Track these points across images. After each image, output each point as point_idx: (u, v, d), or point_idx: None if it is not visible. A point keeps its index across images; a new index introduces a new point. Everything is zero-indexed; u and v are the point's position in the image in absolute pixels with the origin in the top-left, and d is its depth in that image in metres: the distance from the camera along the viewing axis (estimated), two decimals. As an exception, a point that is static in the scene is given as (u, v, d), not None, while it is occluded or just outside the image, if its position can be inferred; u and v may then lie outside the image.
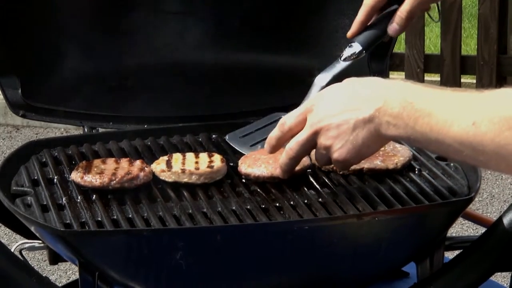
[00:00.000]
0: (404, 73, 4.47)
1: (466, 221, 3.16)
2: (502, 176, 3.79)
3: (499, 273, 1.35)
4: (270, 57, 1.74)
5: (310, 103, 1.27)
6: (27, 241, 1.38)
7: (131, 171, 1.40)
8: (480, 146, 1.10)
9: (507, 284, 1.52)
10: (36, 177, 1.44)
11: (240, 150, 1.44)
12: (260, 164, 1.40)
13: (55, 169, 1.46)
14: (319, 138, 1.25)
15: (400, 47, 4.64)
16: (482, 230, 1.42)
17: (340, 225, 1.28)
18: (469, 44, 5.04)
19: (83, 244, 1.24)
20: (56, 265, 2.02)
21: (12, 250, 1.33)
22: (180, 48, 1.70)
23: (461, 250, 1.37)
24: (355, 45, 1.44)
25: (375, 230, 1.28)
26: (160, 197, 1.37)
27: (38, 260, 3.16)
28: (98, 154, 1.53)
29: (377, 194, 1.37)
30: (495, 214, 3.48)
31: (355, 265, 1.29)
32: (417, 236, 1.32)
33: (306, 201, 1.35)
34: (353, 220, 1.28)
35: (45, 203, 1.36)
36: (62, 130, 4.35)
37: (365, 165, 1.42)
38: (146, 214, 1.32)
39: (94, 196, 1.37)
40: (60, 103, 1.67)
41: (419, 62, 4.44)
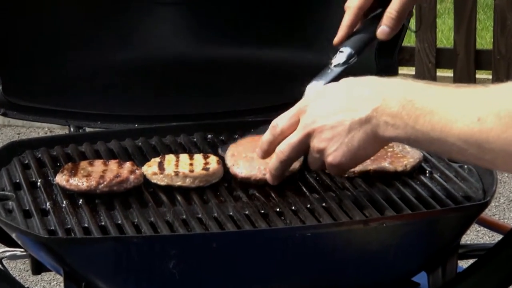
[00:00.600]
0: (414, 68, 4.47)
1: (482, 228, 3.16)
2: (521, 179, 3.80)
3: (517, 284, 1.36)
4: (268, 53, 1.75)
5: (303, 104, 1.27)
6: (8, 249, 1.38)
7: (120, 173, 1.40)
8: (486, 144, 1.10)
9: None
10: (18, 180, 1.44)
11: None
12: (255, 165, 1.40)
13: (38, 172, 1.46)
14: (312, 140, 1.25)
15: (410, 40, 4.64)
16: (498, 237, 1.42)
17: (345, 231, 1.28)
18: (484, 37, 5.05)
19: (68, 253, 1.25)
20: (40, 275, 2.02)
21: (-8, 259, 1.33)
22: (173, 44, 1.71)
23: (476, 259, 1.37)
24: (345, 50, 1.43)
25: (383, 236, 1.29)
26: (152, 202, 1.37)
27: (20, 270, 3.17)
28: (85, 155, 1.53)
29: (384, 198, 1.37)
30: (512, 220, 3.48)
31: (361, 275, 1.29)
32: (428, 244, 1.32)
33: (309, 205, 1.36)
34: (359, 226, 1.28)
35: (27, 208, 1.36)
36: (46, 129, 4.35)
37: (372, 167, 1.43)
38: (136, 220, 1.33)
39: (81, 200, 1.37)
40: (44, 100, 1.68)
41: (430, 56, 4.44)
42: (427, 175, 1.45)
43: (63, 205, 1.36)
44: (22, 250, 1.36)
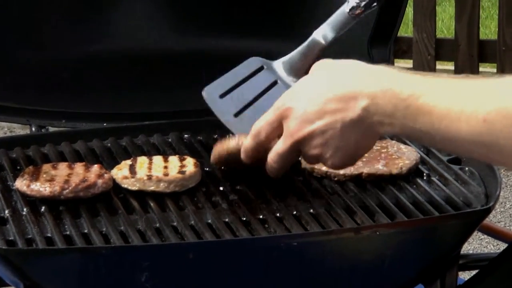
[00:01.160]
0: (412, 60, 4.49)
1: (486, 236, 3.18)
2: (529, 182, 3.82)
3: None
4: (253, 45, 1.75)
5: (282, 105, 1.26)
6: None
7: (87, 178, 1.40)
8: (495, 146, 1.11)
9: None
10: (-27, 186, 1.44)
11: (222, 119, 1.37)
12: None
13: (-4, 176, 1.46)
14: (303, 147, 1.26)
15: (407, 30, 4.66)
16: (504, 246, 1.43)
17: (335, 240, 1.28)
18: (488, 27, 5.08)
19: (29, 265, 1.24)
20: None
21: None
22: (145, 35, 1.71)
23: (478, 270, 1.38)
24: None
25: (376, 246, 1.29)
26: (122, 209, 1.37)
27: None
28: (48, 157, 1.53)
29: (378, 204, 1.38)
30: (520, 227, 3.50)
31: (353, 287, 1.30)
32: (426, 254, 1.33)
33: (295, 212, 1.36)
34: (350, 234, 1.29)
35: (-16, 216, 1.36)
36: (6, 129, 4.34)
37: (365, 170, 1.43)
38: (105, 229, 1.33)
39: (43, 207, 1.37)
40: (3, 97, 1.67)
41: (429, 47, 4.45)
42: (425, 178, 1.46)
43: (24, 213, 1.36)
44: (-22, 262, 1.35)
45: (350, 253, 1.29)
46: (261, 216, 1.35)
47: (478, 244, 3.37)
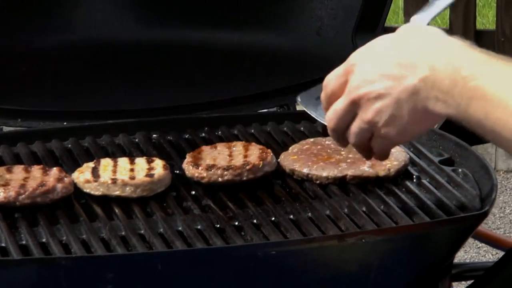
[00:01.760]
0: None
1: (484, 245, 3.20)
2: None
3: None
4: (226, 37, 1.75)
5: (352, 61, 1.31)
6: None
7: (45, 182, 1.40)
8: None
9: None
10: None
11: (318, 119, 1.43)
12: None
13: None
14: (359, 108, 1.30)
15: (397, 19, 4.68)
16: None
17: (317, 249, 1.29)
18: (486, 16, 5.11)
19: (-18, 278, 1.24)
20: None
21: None
22: (108, 27, 1.71)
23: (473, 281, 1.39)
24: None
25: (362, 255, 1.30)
26: (84, 216, 1.37)
27: None
28: (2, 160, 1.53)
29: (364, 209, 1.39)
30: (521, 234, 3.52)
31: (337, 301, 1.31)
32: (416, 263, 1.34)
33: (274, 218, 1.37)
34: (333, 242, 1.30)
35: None
36: (-43, 129, 4.31)
37: (349, 172, 1.44)
38: (65, 238, 1.33)
39: (-3, 215, 1.37)
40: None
41: (422, 39, 4.47)
42: (415, 180, 1.47)
43: (-24, 221, 1.36)
44: None
45: (333, 262, 1.30)
46: (236, 223, 1.36)
47: (476, 253, 3.39)
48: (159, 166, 1.45)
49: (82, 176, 1.43)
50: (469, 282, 1.41)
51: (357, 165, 1.45)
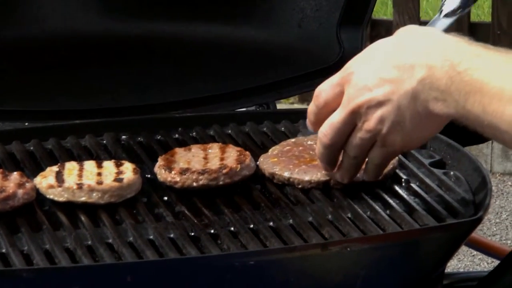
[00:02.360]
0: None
1: (479, 253, 3.21)
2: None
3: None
4: (200, 30, 1.75)
5: (348, 69, 1.33)
6: None
7: (5, 187, 1.40)
8: None
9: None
10: None
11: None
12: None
13: None
14: (359, 119, 1.31)
15: (386, 11, 4.70)
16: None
17: (299, 258, 1.29)
18: (481, 7, 5.13)
19: None
20: None
21: None
22: (70, 19, 1.70)
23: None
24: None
25: (347, 264, 1.31)
26: (47, 224, 1.37)
27: None
28: (-41, 164, 1.53)
29: (349, 215, 1.39)
30: (518, 241, 3.54)
31: (320, 314, 1.31)
32: (405, 273, 1.34)
33: (252, 226, 1.37)
34: (316, 251, 1.30)
35: None
36: None
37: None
38: (26, 248, 1.32)
39: (-47, 223, 1.37)
40: None
41: (412, 32, 4.48)
42: (403, 184, 1.48)
43: None
44: None
45: (316, 273, 1.30)
46: (212, 231, 1.36)
47: (470, 262, 3.41)
48: (128, 170, 1.45)
49: (45, 181, 1.43)
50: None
51: (341, 168, 1.45)
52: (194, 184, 1.44)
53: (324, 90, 1.33)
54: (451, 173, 1.50)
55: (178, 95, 1.73)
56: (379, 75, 1.29)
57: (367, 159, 1.36)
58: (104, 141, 1.60)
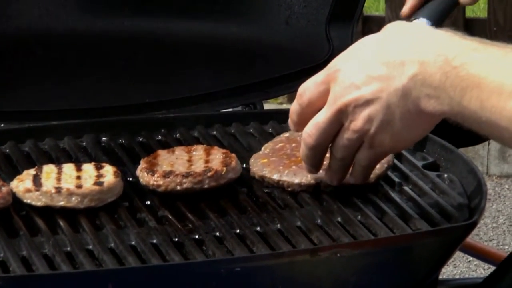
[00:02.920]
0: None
1: (475, 259, 3.22)
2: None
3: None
4: (182, 27, 1.75)
5: (333, 67, 1.32)
6: None
7: (-20, 191, 1.40)
8: None
9: None
10: None
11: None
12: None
13: None
14: (345, 119, 1.30)
15: (378, 7, 4.70)
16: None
17: (287, 264, 1.30)
18: (476, 3, 5.13)
19: None
20: None
21: None
22: (55, 14, 1.70)
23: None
24: (419, 21, 1.50)
25: (337, 270, 1.31)
26: (24, 229, 1.37)
27: None
28: None
29: (339, 220, 1.40)
30: (516, 246, 3.55)
31: (309, 322, 1.32)
32: (397, 279, 1.35)
33: (239, 231, 1.37)
34: (305, 257, 1.30)
35: None
36: None
37: (323, 178, 1.45)
38: (2, 255, 1.32)
39: None
40: None
41: (405, 28, 4.49)
42: (396, 188, 1.48)
43: None
44: None
45: (305, 279, 1.31)
46: (196, 236, 1.36)
47: (466, 268, 3.41)
48: (109, 173, 1.45)
49: (22, 184, 1.43)
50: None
51: (331, 171, 1.46)
52: (178, 187, 1.45)
53: (308, 88, 1.33)
54: (445, 175, 1.50)
55: (160, 95, 1.73)
56: (367, 73, 1.28)
57: (354, 161, 1.36)
58: (84, 143, 1.60)
